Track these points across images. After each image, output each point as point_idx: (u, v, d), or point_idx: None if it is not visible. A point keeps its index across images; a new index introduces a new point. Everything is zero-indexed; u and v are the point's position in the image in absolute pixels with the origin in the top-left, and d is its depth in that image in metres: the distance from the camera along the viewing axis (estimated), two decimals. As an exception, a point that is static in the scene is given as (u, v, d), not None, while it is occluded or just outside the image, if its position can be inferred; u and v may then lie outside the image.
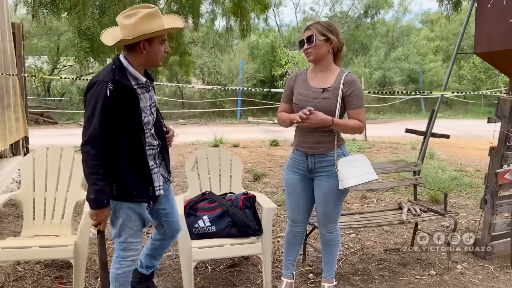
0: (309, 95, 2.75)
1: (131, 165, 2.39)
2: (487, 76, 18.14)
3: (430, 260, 3.75)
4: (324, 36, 2.68)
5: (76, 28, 4.20)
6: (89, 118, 2.26)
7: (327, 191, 2.80)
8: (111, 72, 2.32)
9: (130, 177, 2.40)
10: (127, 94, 2.33)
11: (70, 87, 15.74)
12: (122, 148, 2.36)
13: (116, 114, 2.30)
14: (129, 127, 2.36)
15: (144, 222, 2.54)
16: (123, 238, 2.49)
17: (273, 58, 16.38)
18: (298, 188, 2.89)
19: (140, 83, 2.43)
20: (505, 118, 3.47)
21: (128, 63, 2.38)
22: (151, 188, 2.48)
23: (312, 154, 2.78)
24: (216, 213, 3.24)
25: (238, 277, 3.42)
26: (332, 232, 2.96)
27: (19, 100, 6.97)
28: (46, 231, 3.47)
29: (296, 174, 2.89)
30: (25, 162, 3.62)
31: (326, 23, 2.75)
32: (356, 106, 2.71)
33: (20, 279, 3.33)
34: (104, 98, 2.24)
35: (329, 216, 2.89)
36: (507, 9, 5.29)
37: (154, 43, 2.38)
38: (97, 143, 2.25)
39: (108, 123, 2.28)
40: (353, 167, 2.73)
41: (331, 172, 2.76)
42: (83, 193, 3.63)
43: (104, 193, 2.30)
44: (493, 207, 3.63)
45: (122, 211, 2.44)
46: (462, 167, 7.81)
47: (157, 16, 2.33)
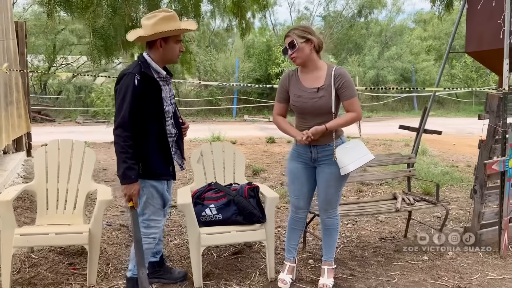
0: (305, 96, 2.96)
1: (155, 147, 2.73)
2: (478, 75, 18.48)
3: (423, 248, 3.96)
4: (303, 38, 2.92)
5: (91, 27, 4.37)
6: (120, 104, 2.60)
7: (329, 177, 3.01)
8: (137, 66, 2.69)
9: (154, 157, 2.74)
10: (151, 84, 2.71)
11: (67, 85, 15.83)
12: (148, 132, 2.70)
13: (143, 101, 2.64)
14: (154, 113, 2.70)
15: (164, 201, 2.86)
16: (146, 216, 2.80)
17: (268, 57, 16.58)
18: (301, 176, 3.11)
19: (161, 76, 2.79)
20: (493, 113, 3.69)
21: (150, 59, 2.75)
22: (171, 167, 2.84)
23: (315, 145, 2.99)
24: (222, 202, 3.43)
25: (242, 262, 3.62)
26: (332, 218, 3.16)
27: (22, 97, 7.12)
28: (59, 220, 3.63)
29: (300, 163, 3.11)
30: (38, 155, 3.78)
31: (302, 27, 2.99)
32: (348, 97, 2.93)
33: (35, 265, 3.49)
34: (133, 87, 2.61)
35: (329, 201, 3.10)
36: (496, 10, 5.53)
37: (169, 41, 2.73)
38: (127, 126, 2.59)
39: (136, 109, 2.60)
40: (350, 153, 2.95)
41: (332, 160, 2.97)
42: (93, 184, 3.82)
43: (133, 169, 2.62)
44: (482, 196, 3.85)
45: (146, 189, 2.75)
46: (454, 163, 8.06)
47: (173, 19, 2.70)
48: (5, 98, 6.02)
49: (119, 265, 3.54)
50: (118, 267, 3.50)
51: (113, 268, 3.48)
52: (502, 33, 5.24)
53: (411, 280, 3.33)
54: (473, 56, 6.88)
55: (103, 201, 3.31)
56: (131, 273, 2.90)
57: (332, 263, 3.27)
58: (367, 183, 6.27)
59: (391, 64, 19.15)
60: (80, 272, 3.39)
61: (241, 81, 15.78)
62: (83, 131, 12.08)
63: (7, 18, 6.47)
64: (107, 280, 3.27)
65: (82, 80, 16.04)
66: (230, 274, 3.40)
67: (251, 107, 16.65)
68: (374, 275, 3.41)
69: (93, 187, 3.80)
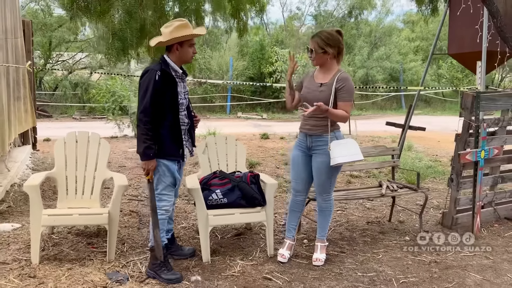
0: (311, 88, 3.50)
1: (169, 132, 3.26)
2: (464, 75, 19.07)
3: (405, 230, 4.42)
4: (322, 49, 3.41)
5: (110, 30, 4.77)
6: (143, 94, 3.14)
7: (320, 166, 3.47)
8: (159, 64, 3.25)
9: (168, 140, 3.25)
10: (169, 80, 3.23)
11: (63, 82, 16.06)
12: (165, 119, 3.22)
13: (161, 93, 3.16)
14: (170, 103, 3.22)
15: (175, 180, 3.36)
16: (159, 190, 3.32)
17: (262, 56, 16.98)
18: (300, 162, 3.57)
19: (178, 75, 3.32)
20: (468, 110, 4.14)
21: (170, 60, 3.29)
22: (181, 150, 3.34)
23: (310, 135, 3.44)
24: (227, 188, 3.84)
25: (244, 242, 4.04)
26: (327, 201, 3.60)
27: (28, 92, 7.43)
28: (78, 204, 4.01)
29: (299, 151, 3.59)
30: (58, 146, 4.15)
31: (326, 36, 3.42)
32: (344, 99, 3.39)
33: (57, 244, 3.87)
34: (154, 80, 3.14)
35: (323, 186, 3.54)
36: (474, 17, 6.02)
37: (184, 45, 3.27)
38: (148, 112, 3.12)
39: (156, 99, 3.13)
40: (343, 148, 3.40)
41: (324, 150, 3.43)
42: (108, 172, 4.20)
43: (151, 148, 3.15)
44: (458, 184, 4.31)
45: (159, 168, 3.27)
46: (437, 158, 8.56)
47: (187, 26, 3.25)
48: (14, 94, 6.35)
49: (133, 245, 3.93)
50: (132, 246, 3.90)
51: (128, 247, 3.87)
52: (479, 38, 5.71)
53: (394, 256, 3.78)
54: (455, 58, 7.38)
55: (121, 186, 3.71)
56: (151, 243, 3.34)
57: (325, 240, 3.70)
58: (356, 175, 6.73)
59: (380, 64, 19.68)
60: (99, 250, 3.77)
61: (235, 79, 16.18)
62: (81, 127, 12.36)
63: (15, 17, 6.79)
64: (124, 256, 3.66)
65: (79, 77, 16.28)
66: (234, 252, 3.82)
67: (244, 105, 17.06)
68: (361, 252, 3.85)
69: (108, 174, 4.18)
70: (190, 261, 3.61)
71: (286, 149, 9.28)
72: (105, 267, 3.44)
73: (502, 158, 4.51)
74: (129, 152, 8.48)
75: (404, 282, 3.31)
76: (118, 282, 3.20)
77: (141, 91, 3.20)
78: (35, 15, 15.37)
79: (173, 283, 3.21)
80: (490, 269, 3.57)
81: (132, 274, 3.35)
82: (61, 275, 3.26)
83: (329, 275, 3.40)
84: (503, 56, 5.50)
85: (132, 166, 7.18)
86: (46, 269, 3.35)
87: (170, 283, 3.21)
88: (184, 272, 3.39)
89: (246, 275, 3.39)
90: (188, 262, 3.59)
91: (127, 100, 10.08)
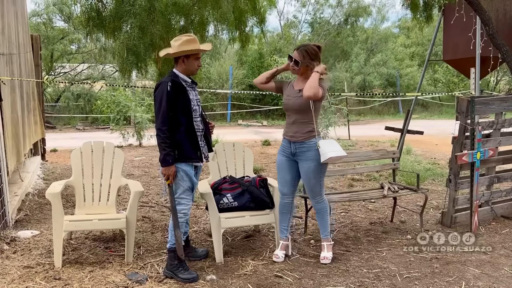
0: (291, 95, 3.77)
1: (185, 136, 3.48)
2: (460, 79, 19.38)
3: (407, 229, 4.63)
4: (305, 63, 3.68)
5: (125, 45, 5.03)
6: (159, 106, 3.42)
7: (307, 171, 3.71)
8: (169, 77, 3.54)
9: (185, 144, 3.48)
10: (179, 88, 3.49)
11: (66, 93, 16.30)
12: (180, 124, 3.47)
13: (175, 102, 3.42)
14: (183, 110, 3.47)
15: (193, 184, 3.56)
16: (178, 194, 3.52)
17: (261, 64, 17.27)
18: (284, 167, 3.83)
19: (187, 83, 3.58)
20: (463, 114, 4.37)
21: (178, 72, 3.56)
22: (198, 152, 3.56)
23: (294, 142, 3.70)
24: (237, 192, 4.05)
25: (254, 243, 4.25)
26: (320, 203, 3.81)
27: (37, 105, 7.66)
28: (95, 211, 4.21)
29: (283, 156, 3.84)
30: (74, 155, 4.34)
31: (312, 52, 3.68)
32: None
33: (76, 249, 4.07)
34: (167, 91, 3.41)
35: (313, 190, 3.76)
36: (467, 24, 6.29)
37: (190, 58, 3.54)
38: (166, 121, 3.39)
39: (171, 108, 3.40)
40: (329, 145, 3.66)
41: (308, 156, 3.67)
42: (123, 180, 4.41)
43: (170, 155, 3.40)
44: (456, 185, 4.53)
45: (178, 173, 3.48)
46: (435, 161, 8.78)
47: (194, 41, 3.52)
48: (28, 106, 6.57)
49: (148, 248, 4.13)
50: (148, 249, 4.09)
51: (144, 250, 4.07)
52: (473, 45, 5.98)
53: (397, 253, 3.99)
54: (450, 64, 7.66)
55: (138, 192, 3.91)
56: (169, 244, 3.54)
57: (329, 239, 3.90)
58: (357, 179, 6.95)
59: (377, 70, 19.98)
60: (116, 254, 3.96)
61: (235, 88, 16.44)
62: (86, 137, 12.57)
63: (25, 32, 7.04)
64: (141, 259, 3.86)
65: (81, 88, 16.52)
66: (245, 252, 4.02)
67: (244, 112, 17.31)
68: (366, 250, 4.06)
69: (123, 182, 4.39)
70: (204, 262, 3.81)
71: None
72: (124, 269, 3.64)
73: (497, 159, 4.74)
74: (136, 161, 8.69)
75: (408, 277, 3.51)
76: (138, 282, 3.40)
77: (156, 103, 3.47)
78: (37, 29, 15.63)
79: (190, 282, 3.41)
80: (488, 263, 3.77)
81: (150, 274, 3.55)
82: (84, 277, 3.46)
83: (337, 272, 3.60)
84: (496, 61, 5.75)
85: (140, 174, 7.38)
86: (69, 272, 3.55)
87: (187, 282, 3.41)
88: (199, 272, 3.59)
89: (258, 273, 3.59)
90: (202, 263, 3.79)
91: (131, 110, 10.30)
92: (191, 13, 5.96)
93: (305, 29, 24.80)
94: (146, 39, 5.04)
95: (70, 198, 5.52)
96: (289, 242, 3.96)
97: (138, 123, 10.22)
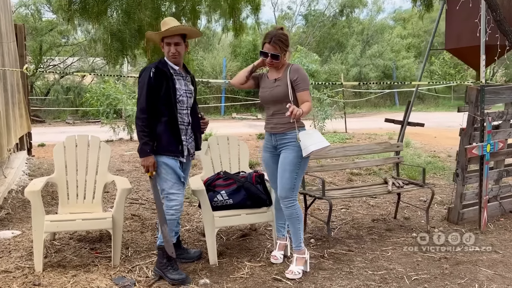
0: (267, 86, 3.44)
1: (167, 128, 3.21)
2: (456, 71, 19.18)
3: (411, 226, 4.38)
4: (284, 51, 3.34)
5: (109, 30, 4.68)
6: (140, 92, 3.19)
7: (283, 161, 3.33)
8: (155, 63, 3.26)
9: (165, 136, 3.21)
10: (163, 75, 3.20)
11: (55, 86, 15.89)
12: (161, 115, 3.20)
13: (156, 90, 3.16)
14: (166, 100, 3.19)
15: (179, 176, 3.26)
16: (166, 190, 3.24)
17: (255, 56, 16.93)
18: (270, 163, 3.52)
19: (176, 71, 3.29)
20: (472, 104, 4.12)
21: (166, 59, 3.30)
22: (180, 146, 3.27)
23: (274, 133, 3.39)
24: (232, 188, 3.77)
25: (250, 243, 3.98)
26: (289, 207, 3.32)
27: (22, 97, 7.32)
28: (79, 209, 3.92)
29: (267, 152, 3.53)
30: (57, 150, 4.05)
31: (284, 38, 3.32)
32: (302, 88, 3.31)
33: (59, 251, 3.78)
34: (148, 77, 3.15)
35: (283, 186, 3.30)
36: (473, 10, 6.01)
37: (164, 44, 3.24)
38: (144, 109, 3.15)
39: (152, 96, 3.15)
40: (311, 137, 3.29)
41: (289, 147, 3.31)
42: (110, 176, 4.12)
43: (148, 145, 3.16)
44: (464, 179, 4.28)
45: (159, 167, 3.22)
46: (435, 154, 8.56)
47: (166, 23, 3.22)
48: (12, 99, 6.23)
49: (137, 249, 3.85)
50: (137, 250, 3.81)
51: (132, 251, 3.79)
52: (478, 32, 5.70)
53: (403, 253, 3.74)
54: (452, 53, 7.38)
55: (125, 189, 3.62)
56: (159, 241, 3.28)
57: (301, 251, 3.38)
58: (356, 173, 6.70)
59: (373, 61, 19.71)
60: (103, 256, 3.68)
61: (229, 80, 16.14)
62: (75, 131, 12.23)
63: (8, 21, 6.68)
64: (129, 261, 3.58)
65: (70, 81, 16.11)
66: (241, 253, 3.75)
67: (238, 105, 17.00)
68: (370, 250, 3.81)
69: (109, 178, 4.10)
70: (197, 264, 3.55)
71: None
72: (111, 273, 3.36)
73: (506, 151, 4.49)
74: (126, 155, 8.38)
75: (416, 279, 3.27)
76: (125, 288, 3.13)
77: (139, 89, 3.25)
78: (25, 20, 15.17)
79: (179, 283, 3.16)
80: (500, 263, 3.54)
81: (139, 279, 3.28)
82: (66, 282, 3.18)
83: (340, 274, 3.35)
84: (503, 49, 5.49)
85: (130, 170, 7.09)
86: (50, 276, 3.27)
87: (176, 283, 3.16)
88: (192, 275, 3.32)
89: (255, 276, 3.33)
90: (195, 265, 3.52)
91: (121, 103, 9.96)
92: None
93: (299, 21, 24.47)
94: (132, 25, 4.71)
95: (56, 195, 5.21)
96: (287, 242, 3.70)
97: (129, 116, 9.89)
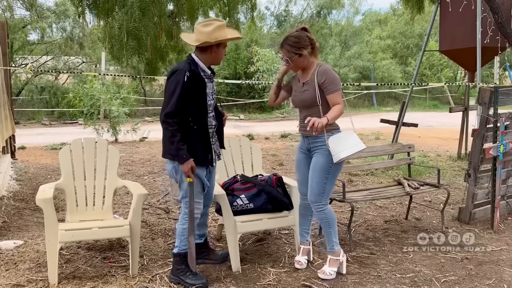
0: (297, 90, 3.36)
1: (197, 136, 3.06)
2: (432, 73, 19.64)
3: (424, 227, 4.39)
4: (295, 54, 3.21)
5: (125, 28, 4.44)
6: (170, 95, 2.94)
7: (314, 165, 3.25)
8: (187, 64, 3.03)
9: (196, 145, 3.06)
10: (198, 81, 3.04)
11: (29, 86, 15.26)
12: (192, 122, 3.04)
13: (190, 95, 2.98)
14: (198, 105, 3.05)
15: (203, 186, 3.15)
16: (188, 198, 3.08)
17: (237, 56, 16.79)
18: (302, 165, 3.43)
19: (206, 75, 3.11)
20: (485, 104, 4.16)
21: (198, 60, 3.08)
22: (210, 155, 3.16)
23: (307, 136, 3.30)
24: (252, 192, 3.66)
25: (269, 248, 3.88)
26: (319, 212, 3.28)
27: (6, 98, 6.95)
28: (90, 216, 3.72)
29: (301, 153, 3.46)
30: (63, 154, 3.82)
31: (295, 41, 3.20)
32: (331, 91, 3.18)
33: (70, 261, 3.57)
34: (182, 82, 2.94)
35: (313, 190, 3.23)
36: (467, 13, 6.11)
37: (220, 47, 3.08)
38: (174, 114, 2.93)
39: (184, 101, 2.95)
40: (342, 142, 3.17)
41: (320, 150, 3.22)
42: (120, 181, 3.93)
43: (183, 150, 2.95)
44: (475, 179, 4.32)
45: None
46: (425, 153, 8.68)
47: (225, 27, 3.06)
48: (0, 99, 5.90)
49: (152, 257, 3.68)
50: (152, 258, 3.65)
51: (148, 260, 3.62)
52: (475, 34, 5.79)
53: (425, 255, 3.73)
54: (446, 54, 7.50)
55: (141, 195, 3.44)
56: (177, 249, 3.17)
57: (335, 253, 3.34)
58: (354, 173, 6.69)
59: (352, 62, 19.93)
60: (118, 265, 3.50)
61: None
62: (54, 133, 11.75)
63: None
64: (147, 270, 3.42)
65: (46, 81, 15.52)
66: (261, 259, 3.65)
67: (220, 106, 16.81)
68: (391, 252, 3.78)
69: (120, 183, 3.92)
70: (219, 271, 3.41)
71: (275, 149, 9.16)
72: (131, 283, 3.20)
73: (514, 152, 4.56)
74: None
75: (446, 281, 3.25)
76: (151, 299, 2.97)
77: (167, 92, 3.01)
78: (-2, 16, 14.52)
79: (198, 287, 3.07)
80: (521, 263, 3.58)
81: (162, 289, 3.13)
82: (86, 295, 3.00)
83: (369, 279, 3.29)
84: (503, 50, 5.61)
85: (123, 173, 6.85)
86: (67, 289, 3.07)
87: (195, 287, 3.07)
88: (216, 283, 3.20)
89: (283, 283, 3.23)
90: (217, 273, 3.39)
91: (106, 104, 9.64)
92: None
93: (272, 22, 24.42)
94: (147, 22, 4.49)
95: (60, 202, 4.95)
96: (310, 247, 3.62)
97: (114, 117, 9.58)
